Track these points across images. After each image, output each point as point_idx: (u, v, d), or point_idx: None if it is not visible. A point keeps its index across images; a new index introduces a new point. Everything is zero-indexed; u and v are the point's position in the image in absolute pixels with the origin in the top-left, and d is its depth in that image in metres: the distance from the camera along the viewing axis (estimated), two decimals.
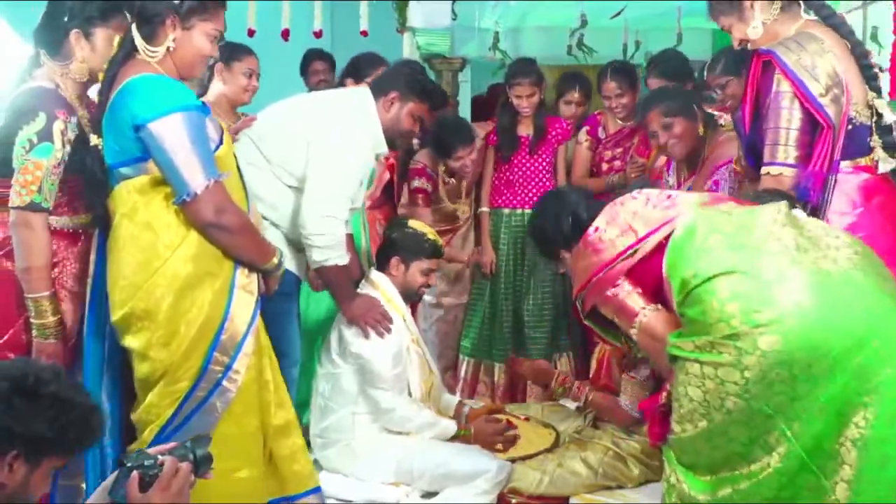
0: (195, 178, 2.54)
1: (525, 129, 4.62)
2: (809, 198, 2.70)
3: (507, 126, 4.60)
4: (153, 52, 2.64)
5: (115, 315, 2.64)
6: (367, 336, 3.25)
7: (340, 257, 3.27)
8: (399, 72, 3.45)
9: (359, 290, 3.42)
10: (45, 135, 2.63)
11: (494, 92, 6.28)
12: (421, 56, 5.61)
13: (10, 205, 2.65)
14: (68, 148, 2.70)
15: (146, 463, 1.99)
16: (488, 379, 4.73)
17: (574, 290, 2.60)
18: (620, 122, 4.54)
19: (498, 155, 4.66)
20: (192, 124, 2.55)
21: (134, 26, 2.63)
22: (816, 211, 2.72)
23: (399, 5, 5.53)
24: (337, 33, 6.53)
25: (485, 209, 4.69)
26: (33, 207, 2.64)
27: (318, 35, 5.34)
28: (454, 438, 3.36)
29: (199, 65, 2.76)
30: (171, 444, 2.13)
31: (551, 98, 4.93)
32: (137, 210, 2.61)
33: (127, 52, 2.66)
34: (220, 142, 2.69)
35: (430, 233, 3.54)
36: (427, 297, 4.65)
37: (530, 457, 3.31)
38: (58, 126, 2.66)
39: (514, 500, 3.20)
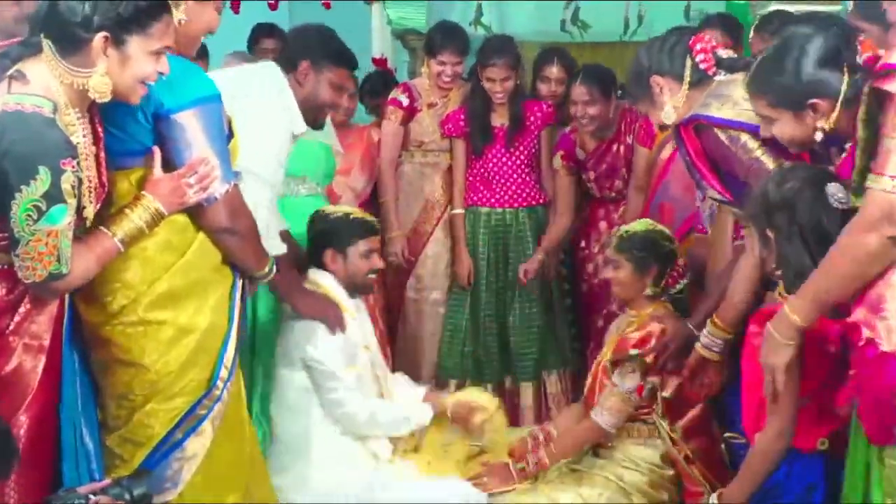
0: (215, 182, 2.46)
1: (499, 119, 4.31)
2: None
3: (478, 114, 4.28)
4: None
5: (102, 318, 2.47)
6: (316, 336, 3.07)
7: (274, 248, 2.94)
8: (306, 39, 3.24)
9: None
10: (55, 197, 2.17)
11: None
12: (393, 31, 5.34)
13: (23, 279, 2.25)
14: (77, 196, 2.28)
15: (75, 503, 1.97)
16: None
17: None
18: (592, 137, 4.23)
19: (469, 148, 4.35)
20: (216, 118, 2.49)
21: None
22: None
23: None
24: (295, 4, 6.21)
25: (458, 211, 4.37)
26: (53, 278, 2.25)
27: (273, 7, 5.10)
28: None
29: (199, 41, 2.65)
30: (105, 482, 2.08)
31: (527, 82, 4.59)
32: None
33: None
34: (230, 133, 2.60)
35: (355, 211, 3.44)
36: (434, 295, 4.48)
37: (508, 490, 3.12)
38: (66, 181, 2.18)
39: None
